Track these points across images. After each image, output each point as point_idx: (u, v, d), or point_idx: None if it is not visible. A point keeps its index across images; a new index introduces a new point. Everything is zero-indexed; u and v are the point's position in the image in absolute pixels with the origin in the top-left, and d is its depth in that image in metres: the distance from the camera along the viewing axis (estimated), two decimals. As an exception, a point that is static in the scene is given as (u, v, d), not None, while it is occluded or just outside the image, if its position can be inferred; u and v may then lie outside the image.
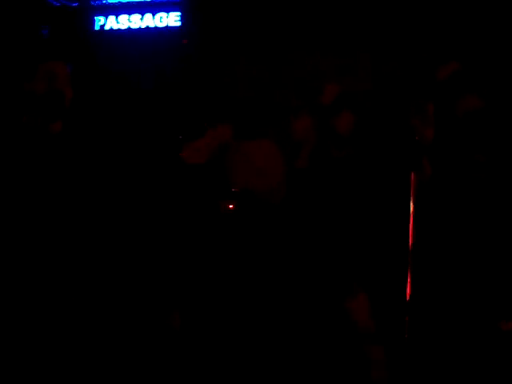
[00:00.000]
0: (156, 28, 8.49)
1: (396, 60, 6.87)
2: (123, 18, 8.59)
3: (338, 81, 4.43)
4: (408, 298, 3.54)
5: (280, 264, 2.82)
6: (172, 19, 8.44)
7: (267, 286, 2.79)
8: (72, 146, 3.31)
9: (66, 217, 3.22)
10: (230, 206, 2.90)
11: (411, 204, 3.57)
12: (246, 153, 2.94)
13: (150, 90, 7.82)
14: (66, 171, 3.25)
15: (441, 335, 3.45)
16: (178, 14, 8.41)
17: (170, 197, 3.61)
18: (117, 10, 8.59)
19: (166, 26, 8.46)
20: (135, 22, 8.55)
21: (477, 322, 3.39)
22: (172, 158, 3.68)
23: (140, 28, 8.55)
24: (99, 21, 8.67)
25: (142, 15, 8.52)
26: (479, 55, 5.96)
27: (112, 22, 8.63)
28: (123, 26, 8.61)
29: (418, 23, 6.88)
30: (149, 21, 8.52)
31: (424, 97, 4.02)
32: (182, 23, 8.41)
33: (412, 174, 3.62)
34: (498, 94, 3.96)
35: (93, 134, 3.53)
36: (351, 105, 4.07)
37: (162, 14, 8.46)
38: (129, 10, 8.55)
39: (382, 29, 7.08)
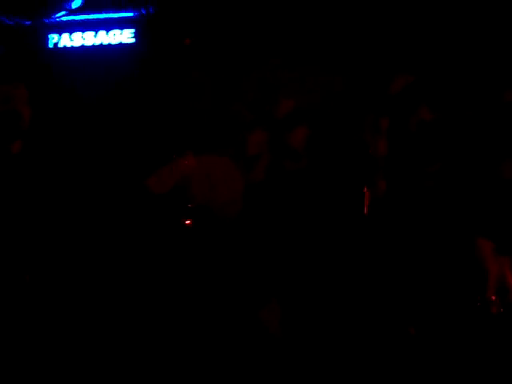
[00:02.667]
0: (110, 45, 8.48)
1: (349, 75, 6.95)
2: (77, 35, 8.56)
3: (291, 95, 4.48)
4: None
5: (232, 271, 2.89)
6: (126, 36, 8.45)
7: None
8: (31, 165, 3.34)
9: (26, 233, 3.27)
10: (187, 222, 2.95)
11: (364, 215, 3.64)
12: (202, 169, 2.99)
13: (105, 106, 7.80)
14: (25, 190, 3.28)
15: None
16: (132, 30, 8.42)
17: (132, 215, 3.65)
18: (70, 28, 8.56)
19: (120, 43, 8.46)
20: (89, 39, 8.54)
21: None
22: (135, 184, 3.72)
23: (94, 45, 8.54)
24: (53, 38, 8.63)
25: (96, 32, 8.51)
26: (430, 69, 6.06)
27: (66, 40, 8.60)
28: (77, 44, 8.59)
29: (370, 37, 6.98)
30: (103, 38, 8.51)
31: (377, 111, 4.10)
32: (136, 40, 8.42)
33: (365, 187, 3.69)
34: (449, 106, 4.06)
35: (52, 153, 3.55)
36: (305, 119, 4.14)
37: (116, 31, 8.45)
38: (82, 27, 8.53)
39: (336, 43, 7.16)
